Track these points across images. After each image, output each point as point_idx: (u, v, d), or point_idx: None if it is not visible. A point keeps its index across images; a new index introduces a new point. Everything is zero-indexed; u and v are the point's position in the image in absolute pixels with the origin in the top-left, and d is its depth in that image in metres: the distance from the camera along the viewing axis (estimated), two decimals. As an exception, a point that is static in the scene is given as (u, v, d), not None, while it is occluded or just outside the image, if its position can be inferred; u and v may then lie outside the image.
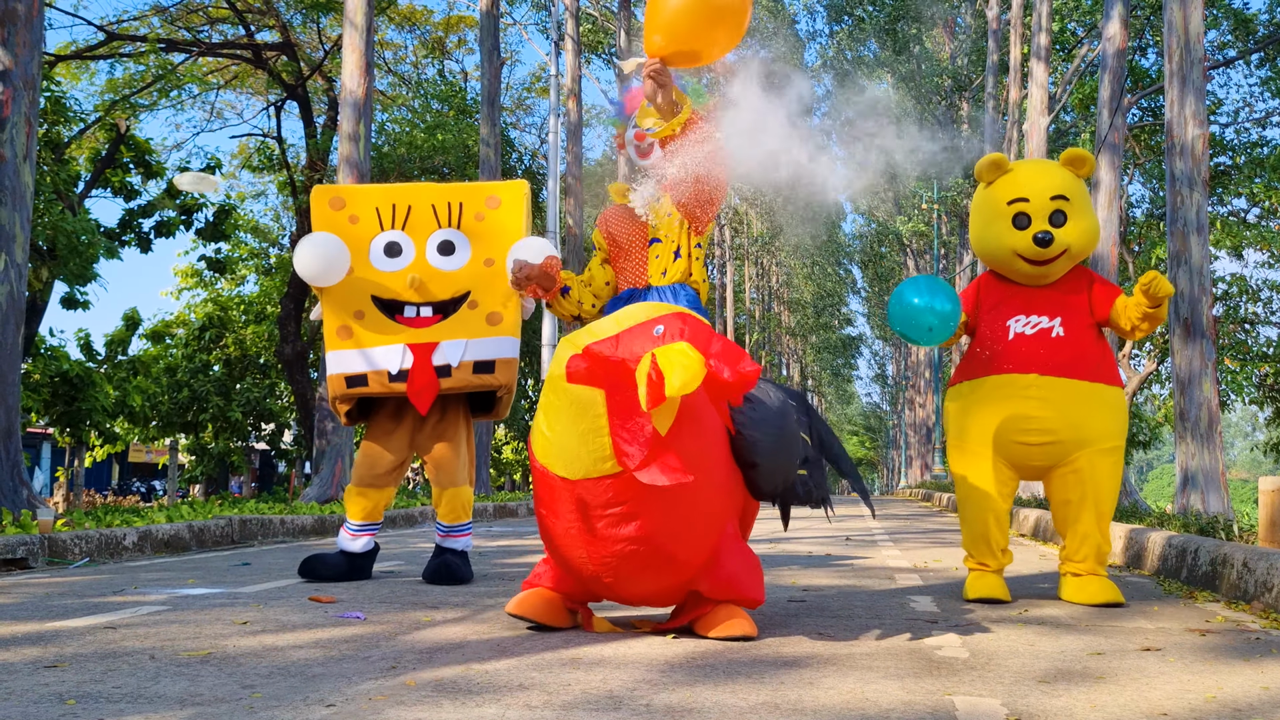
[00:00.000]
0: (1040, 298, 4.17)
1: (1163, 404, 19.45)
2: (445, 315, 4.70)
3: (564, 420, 2.85)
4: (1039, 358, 4.06)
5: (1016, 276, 4.23)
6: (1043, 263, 4.12)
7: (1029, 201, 4.12)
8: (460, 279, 4.72)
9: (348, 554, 4.79)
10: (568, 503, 2.93)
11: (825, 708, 2.23)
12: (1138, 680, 2.58)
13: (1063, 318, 4.11)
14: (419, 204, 4.78)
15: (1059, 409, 4.01)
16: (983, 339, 4.23)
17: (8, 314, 6.85)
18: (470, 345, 4.66)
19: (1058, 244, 4.08)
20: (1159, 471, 73.56)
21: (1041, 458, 4.07)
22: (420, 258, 4.72)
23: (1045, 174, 4.21)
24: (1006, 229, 4.15)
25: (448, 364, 4.63)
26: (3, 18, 6.87)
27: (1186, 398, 7.75)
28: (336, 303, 4.73)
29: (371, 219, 4.77)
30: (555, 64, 18.15)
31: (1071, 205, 4.12)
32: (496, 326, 4.71)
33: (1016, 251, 4.14)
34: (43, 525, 5.82)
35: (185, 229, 16.88)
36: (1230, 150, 20.54)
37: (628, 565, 2.98)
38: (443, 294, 4.70)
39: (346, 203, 4.80)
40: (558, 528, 3.01)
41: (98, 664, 2.66)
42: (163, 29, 17.54)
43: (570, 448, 2.85)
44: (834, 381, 67.07)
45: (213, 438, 19.87)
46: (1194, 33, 8.00)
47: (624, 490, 2.83)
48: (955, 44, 29.07)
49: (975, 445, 4.16)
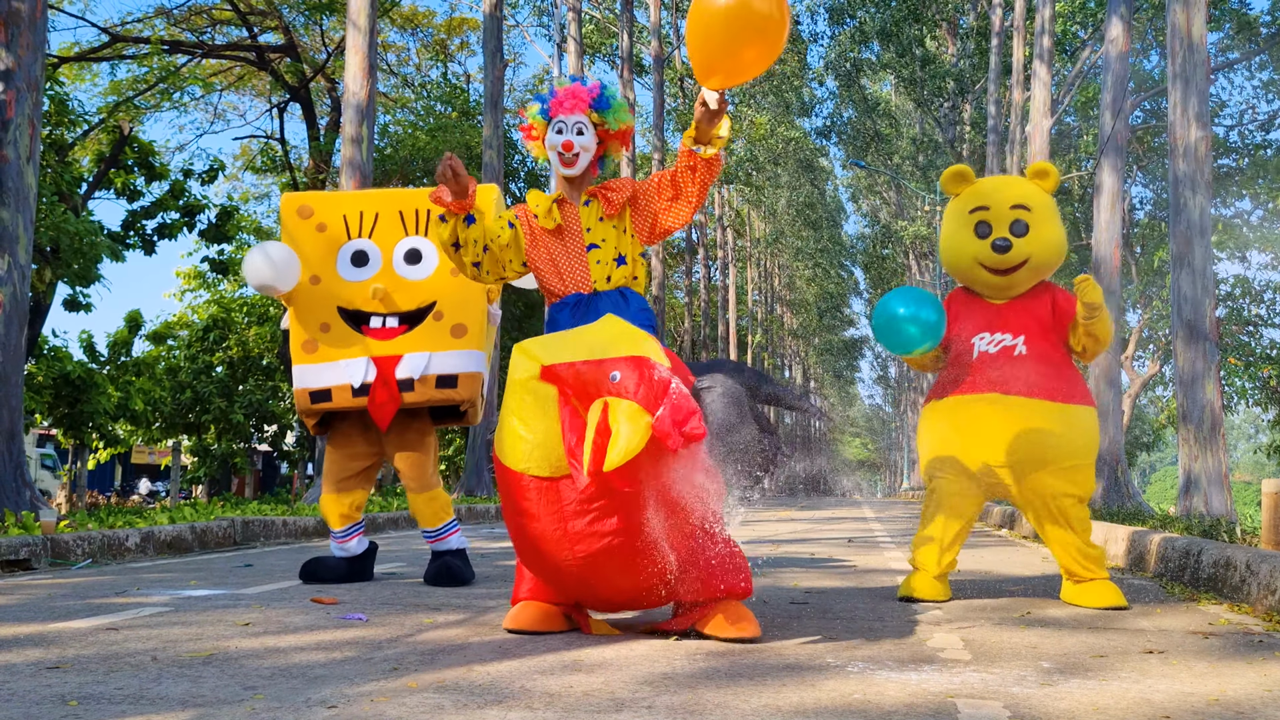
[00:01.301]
0: (1005, 314, 4.17)
1: (1165, 406, 19.43)
2: (412, 326, 4.66)
3: (543, 420, 2.89)
4: (1001, 378, 4.06)
5: (981, 288, 4.24)
6: (1003, 271, 4.12)
7: (989, 210, 4.14)
8: (426, 289, 4.67)
9: (347, 556, 4.80)
10: (549, 503, 2.93)
11: (827, 709, 2.23)
12: (1140, 682, 2.58)
13: (1026, 335, 4.11)
14: (386, 211, 4.72)
15: (1017, 429, 4.00)
16: (952, 357, 4.23)
17: (11, 315, 6.86)
18: (434, 359, 4.61)
19: (1017, 252, 4.07)
20: (1162, 474, 73.45)
21: (1006, 477, 4.07)
22: (387, 266, 4.69)
23: (1007, 185, 4.24)
24: (969, 238, 4.17)
25: (410, 378, 4.59)
26: (6, 19, 6.88)
27: (1189, 400, 7.74)
28: (303, 314, 4.70)
29: (339, 227, 4.73)
30: (558, 65, 18.18)
31: (1033, 215, 4.11)
32: (461, 339, 4.64)
33: (978, 259, 4.15)
34: (45, 526, 5.82)
35: (188, 231, 16.90)
36: (1234, 153, 20.52)
37: (611, 562, 2.98)
38: (408, 304, 4.66)
39: (315, 210, 4.77)
40: (537, 530, 3.00)
41: (100, 665, 2.66)
42: (166, 31, 17.56)
43: (553, 446, 2.88)
44: (836, 383, 67.09)
45: (215, 439, 19.88)
46: (1197, 35, 8.00)
47: (604, 485, 2.84)
48: (958, 46, 29.06)
49: (940, 465, 4.18)
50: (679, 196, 3.49)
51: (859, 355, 62.52)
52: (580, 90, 3.57)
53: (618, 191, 3.55)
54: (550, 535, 2.97)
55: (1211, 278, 7.95)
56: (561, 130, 3.53)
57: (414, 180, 20.13)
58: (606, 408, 2.75)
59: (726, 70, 3.25)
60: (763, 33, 3.15)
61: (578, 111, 3.53)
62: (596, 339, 2.95)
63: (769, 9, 3.15)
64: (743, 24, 3.14)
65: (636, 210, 3.56)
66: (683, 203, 3.49)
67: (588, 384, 2.83)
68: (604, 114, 3.56)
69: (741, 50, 3.17)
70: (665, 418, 2.71)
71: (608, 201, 3.54)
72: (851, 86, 32.90)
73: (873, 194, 41.33)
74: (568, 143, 3.50)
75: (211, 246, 18.08)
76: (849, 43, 31.01)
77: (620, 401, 2.75)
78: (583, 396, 2.87)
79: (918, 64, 26.54)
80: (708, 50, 3.20)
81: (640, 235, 3.56)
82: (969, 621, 3.61)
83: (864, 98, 33.19)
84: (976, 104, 26.82)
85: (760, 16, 3.13)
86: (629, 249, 3.54)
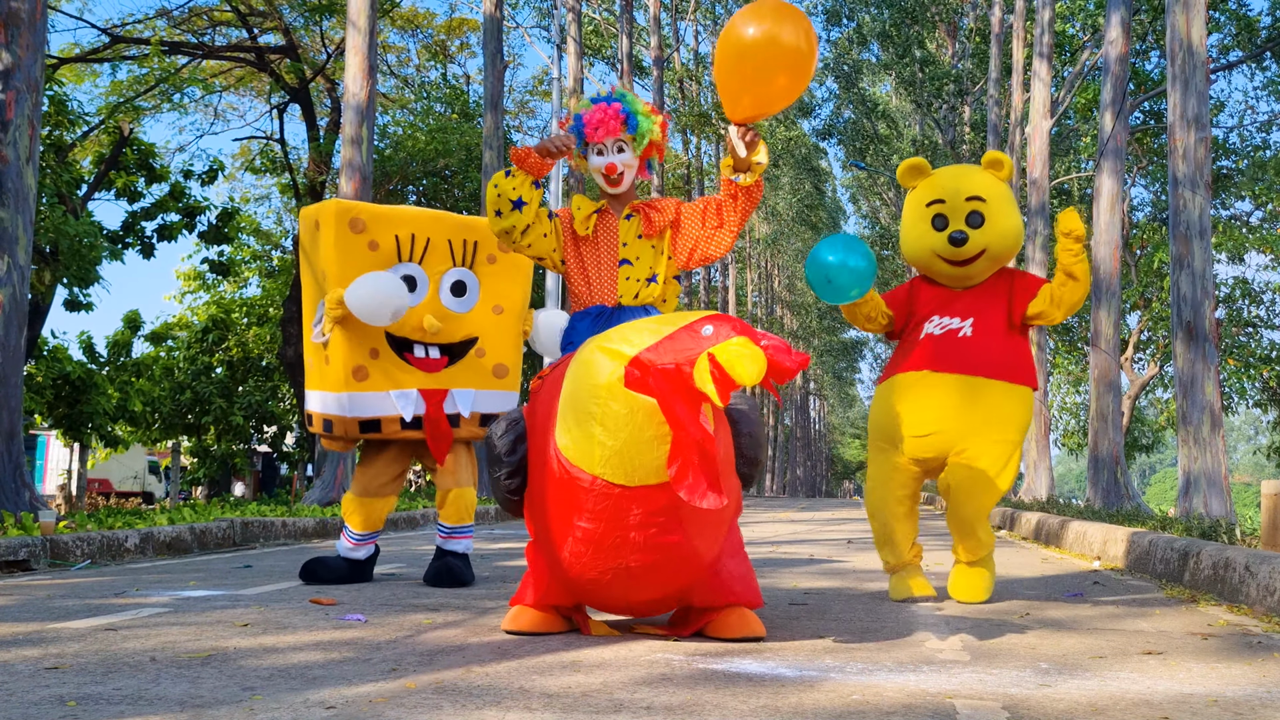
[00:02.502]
0: (958, 301, 4.24)
1: (1165, 407, 19.44)
2: (453, 359, 4.65)
3: (628, 428, 2.80)
4: (939, 356, 4.13)
5: (940, 278, 4.30)
6: (960, 263, 4.19)
7: (945, 203, 4.19)
8: (470, 323, 4.67)
9: (349, 559, 4.80)
10: (613, 511, 2.88)
11: (826, 710, 2.23)
12: (1139, 683, 2.58)
13: (975, 319, 4.17)
14: (437, 237, 4.63)
15: (947, 402, 4.07)
16: (902, 340, 4.33)
17: (10, 316, 6.86)
18: (479, 397, 4.65)
19: (973, 244, 4.14)
20: (1162, 475, 73.47)
21: (931, 448, 4.12)
22: (434, 296, 4.62)
23: (962, 176, 4.29)
24: (926, 230, 4.23)
25: (458, 413, 4.62)
26: (6, 20, 6.88)
27: (1189, 401, 7.74)
28: (353, 339, 4.50)
29: (390, 248, 4.56)
30: (558, 66, 18.18)
31: (989, 206, 4.16)
32: (503, 380, 4.69)
33: (935, 252, 4.21)
34: (45, 527, 5.83)
35: (188, 232, 16.89)
36: (1233, 154, 20.54)
37: (658, 574, 2.99)
38: (452, 337, 4.64)
39: (367, 226, 4.53)
40: (591, 536, 2.95)
41: (98, 665, 2.66)
42: (166, 32, 17.56)
43: (633, 455, 2.80)
44: (836, 385, 67.10)
45: (215, 440, 19.89)
46: (1196, 37, 8.00)
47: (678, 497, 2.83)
48: (958, 47, 29.06)
49: (879, 443, 4.27)
50: (722, 225, 3.53)
51: (859, 357, 62.52)
52: (607, 113, 3.57)
53: (661, 213, 3.58)
54: (606, 543, 2.94)
55: (1211, 279, 7.96)
56: (602, 153, 3.57)
57: (414, 181, 20.12)
58: (713, 357, 2.66)
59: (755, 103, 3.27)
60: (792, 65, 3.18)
61: (613, 134, 3.55)
62: (660, 320, 2.90)
63: (797, 41, 3.17)
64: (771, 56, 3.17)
65: (678, 233, 3.60)
66: (725, 231, 3.53)
67: (681, 352, 2.73)
68: (636, 132, 3.59)
69: (772, 80, 3.20)
70: (773, 345, 2.69)
71: (649, 222, 3.58)
72: (851, 88, 32.91)
73: (873, 195, 41.33)
74: (611, 165, 3.56)
75: (211, 248, 18.08)
76: (848, 44, 31.02)
77: (727, 342, 2.67)
78: (673, 383, 2.74)
79: (917, 65, 26.54)
80: (736, 83, 3.23)
81: (678, 258, 3.60)
82: (967, 622, 3.61)
83: (863, 99, 33.19)
84: (976, 105, 26.83)
85: (789, 49, 3.16)
86: (663, 270, 3.58)
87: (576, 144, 3.60)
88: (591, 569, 3.02)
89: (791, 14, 3.21)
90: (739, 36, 3.21)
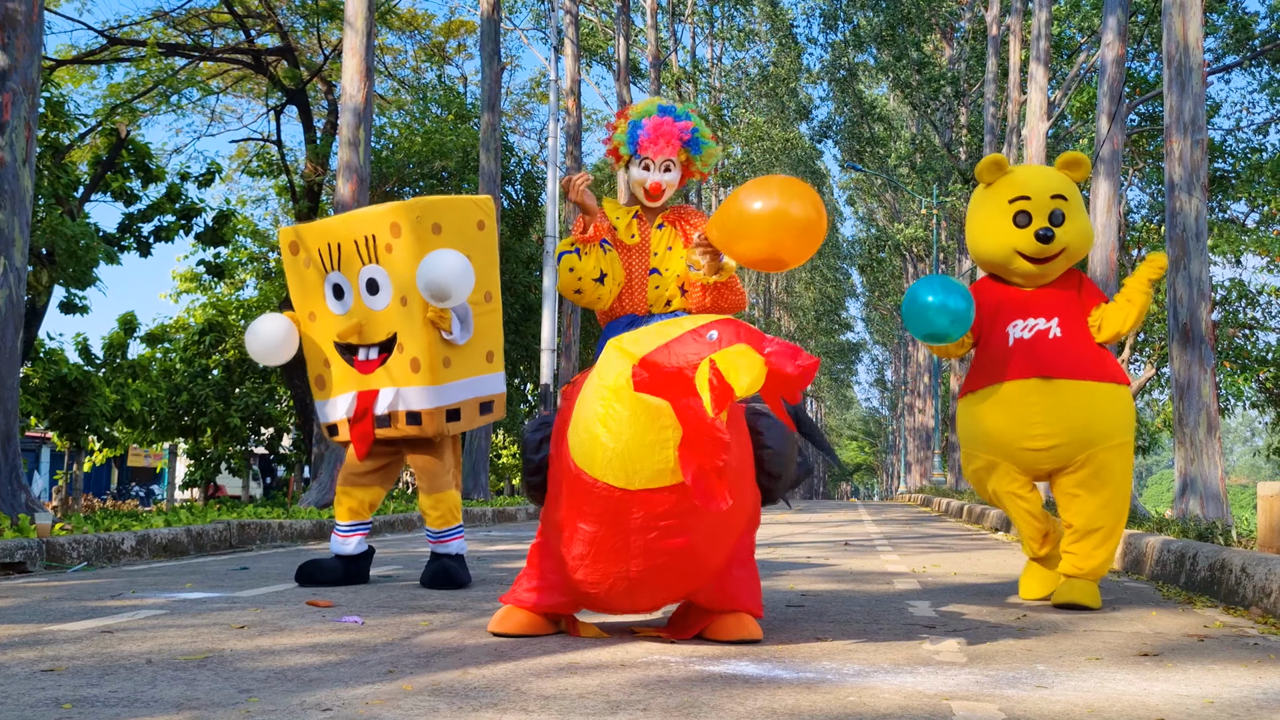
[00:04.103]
0: (1036, 299, 4.19)
1: (1162, 409, 19.46)
2: (389, 354, 4.68)
3: (630, 430, 2.80)
4: (1039, 362, 4.06)
5: (1015, 277, 4.25)
6: (1043, 260, 4.15)
7: (1030, 200, 4.15)
8: (386, 320, 4.65)
9: (344, 558, 4.80)
10: (615, 515, 2.89)
11: (823, 712, 2.23)
12: (1135, 684, 2.58)
13: (1060, 318, 4.13)
14: (346, 240, 4.68)
15: (1062, 412, 4.01)
16: (984, 347, 4.25)
17: (7, 318, 6.85)
18: (400, 394, 4.61)
19: (1058, 241, 4.12)
20: (1158, 477, 73.52)
21: (1049, 462, 4.08)
22: (358, 299, 4.70)
23: (1045, 174, 4.28)
24: (1008, 227, 4.18)
25: (386, 413, 4.64)
26: (2, 21, 6.87)
27: (1185, 403, 7.75)
28: (310, 352, 4.85)
29: (318, 260, 4.75)
30: (554, 68, 18.17)
31: (1069, 205, 4.17)
32: (418, 374, 4.58)
33: (1017, 249, 4.16)
34: (41, 529, 5.81)
35: (185, 233, 16.87)
36: (1230, 156, 20.56)
37: (661, 577, 2.98)
38: (378, 336, 4.68)
39: (301, 245, 4.82)
40: (594, 539, 2.95)
41: (95, 668, 2.66)
42: (163, 34, 17.54)
43: (634, 458, 2.81)
44: (834, 387, 67.09)
45: (211, 442, 19.85)
46: (1193, 39, 8.01)
47: (682, 502, 2.82)
48: (955, 49, 29.09)
49: (987, 456, 4.19)
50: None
51: (856, 359, 62.55)
52: (672, 130, 3.54)
53: (695, 227, 3.58)
54: (608, 547, 2.94)
55: (1207, 281, 7.96)
56: (649, 168, 3.54)
57: (410, 183, 20.11)
58: (714, 363, 2.66)
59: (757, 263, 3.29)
60: (801, 235, 3.18)
61: (667, 153, 3.53)
62: (673, 324, 2.90)
63: (807, 214, 3.16)
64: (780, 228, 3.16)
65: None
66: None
67: (687, 354, 2.73)
68: (695, 156, 3.59)
69: (779, 244, 3.19)
70: (777, 351, 2.69)
71: (686, 236, 3.58)
72: (847, 90, 32.92)
73: (870, 197, 41.35)
74: (656, 185, 3.53)
75: (208, 249, 18.05)
76: (844, 46, 31.04)
77: (728, 349, 2.67)
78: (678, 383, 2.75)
79: (914, 67, 26.56)
80: (742, 247, 3.23)
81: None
82: (964, 624, 3.61)
83: (859, 100, 33.21)
84: (973, 107, 26.84)
85: (799, 222, 3.16)
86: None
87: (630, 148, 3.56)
88: (594, 572, 3.02)
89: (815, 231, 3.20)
90: (746, 206, 3.19)
